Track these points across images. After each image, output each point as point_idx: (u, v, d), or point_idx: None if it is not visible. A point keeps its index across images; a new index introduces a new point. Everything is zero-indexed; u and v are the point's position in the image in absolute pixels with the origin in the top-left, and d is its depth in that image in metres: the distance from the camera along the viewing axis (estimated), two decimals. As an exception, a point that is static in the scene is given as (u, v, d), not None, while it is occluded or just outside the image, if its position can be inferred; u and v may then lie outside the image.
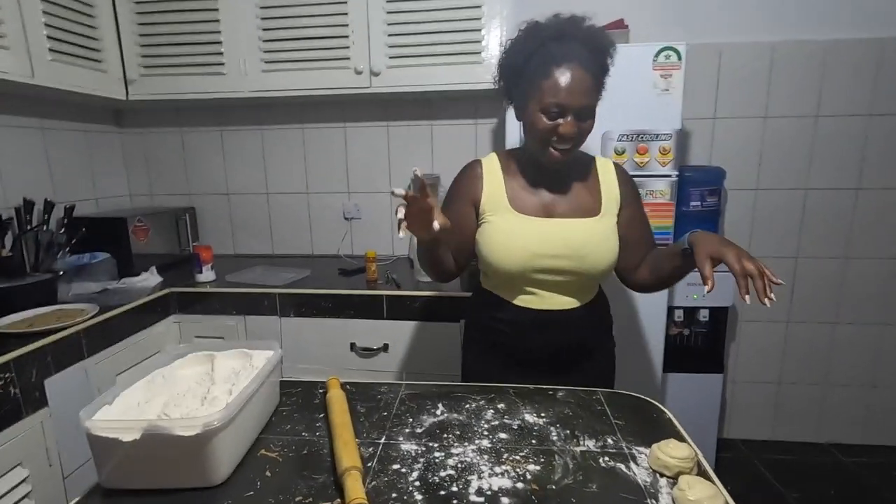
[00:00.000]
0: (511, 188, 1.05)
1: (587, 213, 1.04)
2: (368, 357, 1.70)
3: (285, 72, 1.84)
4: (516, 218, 1.02)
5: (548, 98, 0.93)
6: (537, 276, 1.02)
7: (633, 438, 0.77)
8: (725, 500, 0.62)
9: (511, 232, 1.02)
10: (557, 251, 1.00)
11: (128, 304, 1.53)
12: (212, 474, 0.66)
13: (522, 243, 1.00)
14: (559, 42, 0.93)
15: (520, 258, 1.00)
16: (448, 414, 0.85)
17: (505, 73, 1.04)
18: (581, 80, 0.92)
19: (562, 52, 0.92)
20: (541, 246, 1.00)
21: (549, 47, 0.93)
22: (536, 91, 0.94)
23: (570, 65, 0.92)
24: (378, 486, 0.66)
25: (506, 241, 1.01)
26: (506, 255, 1.01)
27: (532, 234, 1.01)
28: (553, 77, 0.92)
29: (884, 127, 1.93)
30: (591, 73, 0.93)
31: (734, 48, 1.93)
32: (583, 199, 1.05)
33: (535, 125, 0.96)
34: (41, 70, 1.53)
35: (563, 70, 0.92)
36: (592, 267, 1.01)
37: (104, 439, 0.63)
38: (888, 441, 2.16)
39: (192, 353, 0.87)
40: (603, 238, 1.02)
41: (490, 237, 1.03)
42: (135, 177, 2.29)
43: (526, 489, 0.65)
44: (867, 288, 2.06)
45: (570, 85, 0.91)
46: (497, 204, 1.04)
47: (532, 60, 0.95)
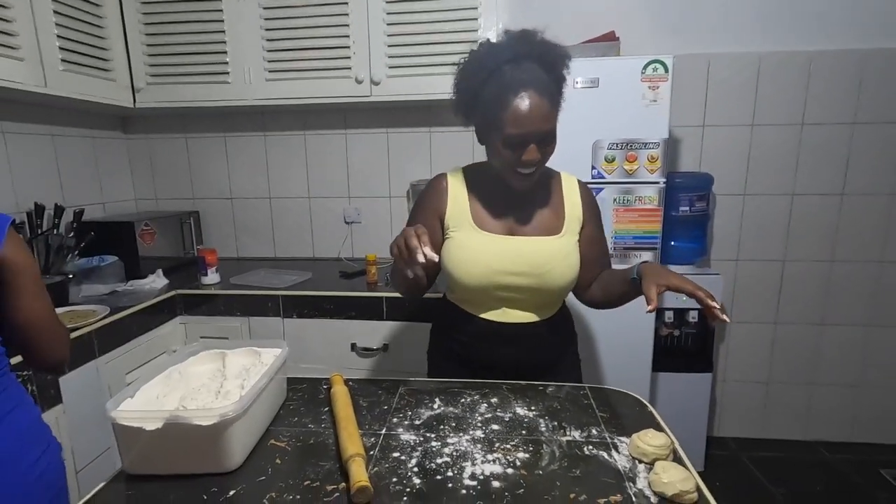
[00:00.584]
0: (475, 205, 1.06)
1: (550, 230, 1.05)
2: (369, 357, 1.76)
3: (288, 80, 1.90)
4: (479, 235, 1.03)
5: (509, 129, 0.92)
6: (499, 292, 1.03)
7: (615, 429, 0.83)
8: (696, 482, 0.67)
9: (473, 249, 1.03)
10: (519, 269, 1.01)
11: (136, 305, 1.59)
12: (227, 461, 0.72)
13: (484, 260, 1.01)
14: (514, 65, 0.93)
15: (481, 275, 1.01)
16: (444, 407, 0.91)
17: (461, 97, 1.02)
18: (539, 106, 0.91)
19: (518, 79, 0.91)
20: (502, 263, 1.01)
21: (504, 73, 0.92)
22: (496, 122, 0.94)
23: (527, 91, 0.91)
24: (380, 471, 0.72)
25: (468, 257, 1.02)
26: (468, 271, 1.02)
27: (494, 251, 1.02)
28: (512, 107, 0.91)
29: (866, 135, 2.00)
30: (549, 96, 0.93)
31: (722, 58, 2.00)
32: (546, 216, 1.06)
33: (498, 154, 0.97)
34: (53, 79, 1.59)
35: (522, 98, 0.91)
36: (553, 284, 1.03)
37: (129, 428, 0.69)
38: (873, 439, 2.22)
39: (204, 351, 0.93)
40: (564, 256, 1.03)
41: (453, 253, 1.04)
42: (141, 182, 2.35)
43: (515, 474, 0.71)
44: (852, 290, 2.13)
45: (529, 114, 0.91)
46: (460, 220, 1.05)
47: (488, 86, 0.94)
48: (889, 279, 2.10)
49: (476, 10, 1.78)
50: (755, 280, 2.17)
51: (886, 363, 2.17)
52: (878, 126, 1.99)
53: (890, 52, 1.93)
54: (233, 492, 0.68)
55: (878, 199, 2.05)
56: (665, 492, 0.66)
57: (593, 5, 1.99)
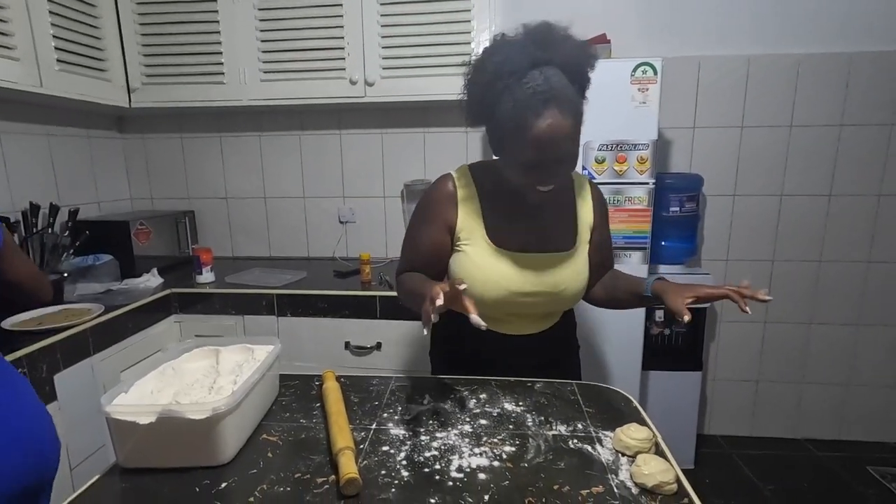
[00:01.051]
0: (487, 214, 0.99)
1: (563, 244, 1.01)
2: (362, 355, 1.77)
3: (283, 81, 1.92)
4: (495, 253, 0.98)
5: (528, 152, 0.84)
6: (511, 308, 1.01)
7: (600, 424, 0.85)
8: (676, 473, 0.69)
9: (489, 269, 0.97)
10: (536, 289, 0.98)
11: (131, 304, 1.60)
12: (219, 454, 0.74)
13: (501, 281, 0.97)
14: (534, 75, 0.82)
15: (496, 295, 0.98)
16: (434, 403, 0.93)
17: (472, 102, 0.93)
18: (561, 126, 0.82)
19: (539, 95, 0.81)
20: (520, 285, 0.97)
21: (523, 86, 0.82)
22: (514, 142, 0.85)
23: (549, 111, 0.81)
24: (369, 464, 0.74)
25: (483, 277, 0.97)
26: (482, 292, 0.97)
27: (510, 271, 0.97)
28: (532, 129, 0.82)
29: (853, 137, 2.03)
30: (573, 111, 0.83)
31: (712, 60, 2.03)
32: (559, 228, 1.02)
33: (515, 172, 0.89)
34: (49, 79, 1.60)
35: (543, 118, 0.81)
36: (566, 299, 1.02)
37: (123, 422, 0.70)
38: (861, 437, 2.25)
39: (197, 347, 0.95)
40: (577, 272, 1.01)
41: (466, 270, 0.98)
42: (136, 181, 2.36)
43: (501, 467, 0.73)
44: (840, 290, 2.16)
45: (552, 137, 0.82)
46: (473, 232, 0.99)
47: (504, 98, 0.84)
48: (875, 279, 2.13)
49: (469, 13, 1.80)
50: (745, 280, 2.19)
51: (874, 362, 2.20)
52: (864, 128, 2.02)
53: (876, 54, 1.96)
54: (224, 484, 0.70)
55: (864, 199, 2.08)
56: (646, 483, 0.68)
57: (585, 8, 2.02)
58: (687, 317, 0.84)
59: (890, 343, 2.18)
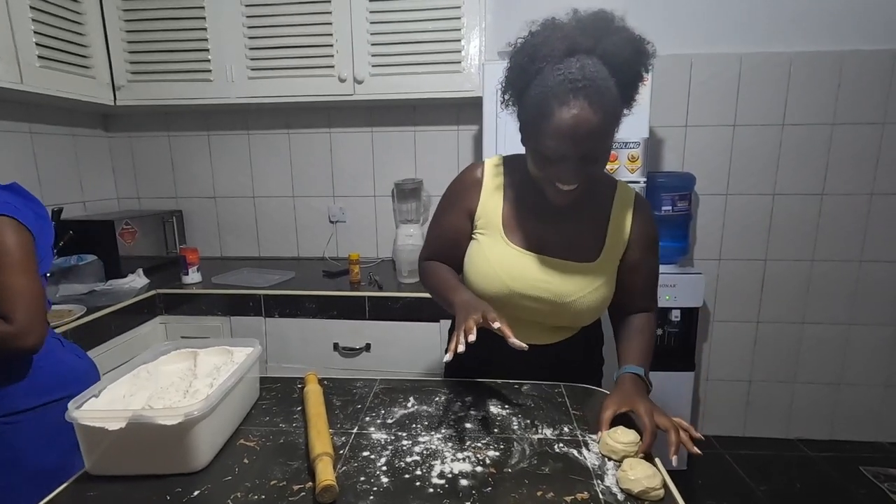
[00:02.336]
0: (508, 207, 0.95)
1: (584, 254, 0.92)
2: (351, 357, 1.75)
3: (271, 79, 1.89)
4: (503, 247, 0.93)
5: (547, 141, 0.78)
6: (515, 311, 0.95)
7: (587, 427, 0.83)
8: (663, 478, 0.67)
9: (494, 263, 0.93)
10: (539, 294, 0.92)
11: (114, 304, 1.57)
12: (193, 461, 0.71)
13: (505, 278, 0.92)
14: (570, 61, 0.76)
15: (497, 290, 0.93)
16: (418, 406, 0.91)
17: (507, 86, 0.88)
18: (587, 121, 0.75)
19: (569, 82, 0.75)
20: (523, 285, 0.92)
21: (554, 72, 0.77)
22: (535, 129, 0.80)
23: (577, 101, 0.74)
24: (348, 470, 0.72)
25: (488, 270, 0.93)
26: (485, 283, 0.94)
27: (516, 270, 0.92)
28: (554, 117, 0.76)
29: (845, 135, 2.03)
30: (605, 106, 0.76)
31: (704, 59, 2.02)
32: (583, 236, 0.93)
33: (536, 165, 0.85)
34: (30, 76, 1.57)
35: (568, 108, 0.75)
36: (574, 314, 0.93)
37: (91, 428, 0.68)
38: (853, 436, 2.25)
39: (175, 350, 0.92)
40: (594, 287, 0.91)
41: (474, 260, 0.96)
42: (122, 180, 2.33)
43: (484, 472, 0.71)
44: (831, 289, 2.15)
45: (573, 129, 0.75)
46: (490, 222, 0.95)
47: (534, 83, 0.80)
48: (867, 278, 2.13)
49: (459, 10, 1.78)
50: (737, 279, 2.19)
51: (865, 361, 2.19)
52: (856, 126, 2.02)
53: (867, 53, 1.95)
54: (197, 492, 0.67)
55: (856, 198, 2.07)
56: (632, 488, 0.66)
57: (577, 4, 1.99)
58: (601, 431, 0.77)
59: (881, 342, 2.17)
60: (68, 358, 1.13)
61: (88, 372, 1.16)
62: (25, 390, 1.04)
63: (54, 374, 1.08)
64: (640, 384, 0.88)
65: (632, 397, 0.82)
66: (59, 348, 1.13)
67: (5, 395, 1.02)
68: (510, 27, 1.99)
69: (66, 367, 1.11)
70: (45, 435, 1.03)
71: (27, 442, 1.02)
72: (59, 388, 1.07)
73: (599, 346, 1.13)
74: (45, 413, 1.04)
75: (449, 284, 0.93)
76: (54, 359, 1.09)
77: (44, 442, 1.03)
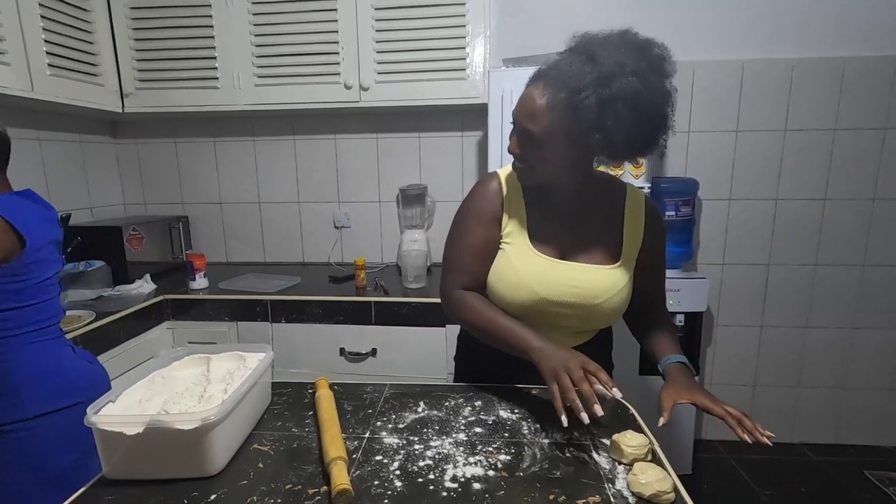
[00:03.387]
0: (532, 215, 0.97)
1: (606, 258, 0.96)
2: (357, 361, 1.76)
3: (277, 86, 1.91)
4: (533, 257, 0.94)
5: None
6: (542, 318, 0.96)
7: (597, 431, 0.84)
8: (673, 481, 0.68)
9: (524, 273, 0.94)
10: (570, 300, 0.93)
11: (123, 310, 1.58)
12: (208, 465, 0.72)
13: (535, 286, 0.93)
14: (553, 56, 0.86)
15: (527, 299, 0.94)
16: (428, 411, 0.92)
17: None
18: (529, 99, 0.84)
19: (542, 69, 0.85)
20: (554, 293, 0.93)
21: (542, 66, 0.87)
22: None
23: (536, 82, 0.84)
24: (362, 474, 0.73)
25: (516, 279, 0.94)
26: (513, 292, 0.94)
27: (545, 277, 0.93)
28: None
29: (847, 141, 2.04)
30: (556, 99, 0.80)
31: (707, 65, 2.03)
32: (604, 240, 0.96)
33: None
34: (40, 84, 1.59)
35: (528, 86, 0.86)
36: (601, 316, 0.97)
37: (110, 433, 0.69)
38: (857, 441, 2.25)
39: (188, 355, 0.93)
40: (619, 290, 0.95)
41: (502, 270, 0.96)
42: (129, 186, 2.34)
43: (496, 476, 0.72)
44: (835, 293, 2.16)
45: (520, 102, 0.86)
46: (515, 231, 0.96)
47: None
48: (870, 282, 2.13)
49: (464, 18, 1.80)
50: (741, 284, 2.20)
51: (869, 365, 2.20)
52: (857, 132, 2.03)
53: (868, 59, 1.97)
54: (213, 496, 0.68)
55: (858, 203, 2.08)
56: (643, 492, 0.67)
57: (580, 14, 2.02)
58: (663, 420, 0.81)
59: (885, 346, 2.18)
60: (80, 364, 1.15)
61: (100, 378, 1.18)
62: (38, 396, 1.05)
63: (66, 380, 1.09)
64: (689, 373, 0.91)
65: (690, 388, 0.86)
66: (70, 355, 1.15)
67: (18, 402, 1.03)
68: (515, 35, 2.02)
69: (77, 374, 1.13)
70: (59, 440, 1.04)
71: (41, 447, 1.03)
72: (72, 394, 1.08)
73: (610, 351, 1.14)
74: (58, 418, 1.06)
75: (511, 329, 0.89)
76: (67, 365, 1.11)
77: (57, 446, 1.04)
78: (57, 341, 1.13)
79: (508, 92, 1.67)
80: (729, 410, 0.82)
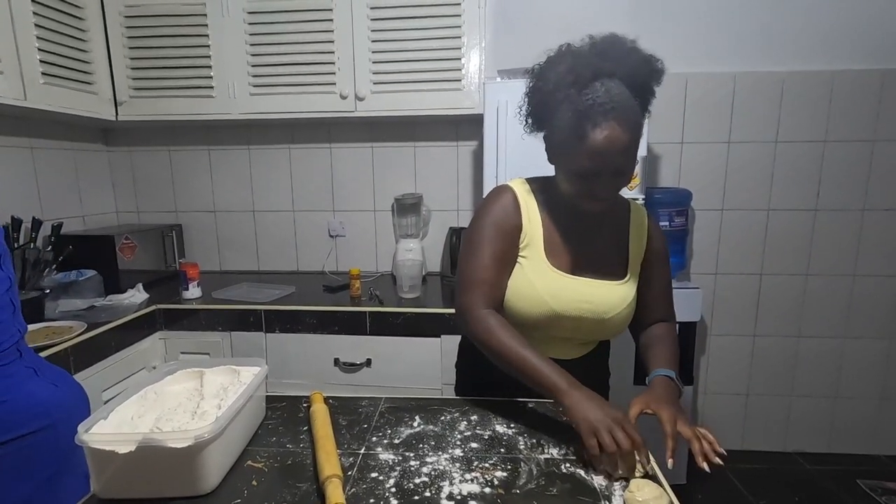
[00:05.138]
0: (548, 230, 0.97)
1: (614, 273, 0.98)
2: (352, 372, 1.75)
3: (273, 95, 1.91)
4: (549, 272, 0.95)
5: (583, 162, 0.84)
6: (552, 331, 0.98)
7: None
8: (670, 499, 0.68)
9: (540, 286, 0.94)
10: (581, 314, 0.95)
11: (115, 320, 1.57)
12: (202, 483, 0.71)
13: (550, 301, 0.94)
14: (596, 86, 0.82)
15: (541, 314, 0.95)
16: (424, 426, 0.91)
17: (532, 109, 0.94)
18: (619, 139, 0.81)
19: (598, 106, 0.81)
20: (565, 307, 0.94)
21: (583, 96, 0.82)
22: (571, 151, 0.85)
23: (608, 123, 0.81)
24: (357, 492, 0.72)
25: (532, 293, 0.94)
26: (527, 307, 0.95)
27: (560, 293, 0.94)
28: (588, 139, 0.81)
29: (837, 152, 2.07)
30: (632, 125, 0.82)
31: (699, 77, 2.06)
32: (611, 255, 0.99)
33: (567, 184, 0.90)
34: (33, 92, 1.58)
35: (601, 129, 0.81)
36: (608, 330, 0.99)
37: (101, 451, 0.68)
38: (850, 449, 2.26)
39: (181, 369, 0.92)
40: (626, 304, 0.97)
41: (518, 283, 0.96)
42: (122, 195, 2.33)
43: (493, 493, 0.72)
44: (826, 303, 2.18)
45: (608, 148, 0.82)
46: (531, 244, 0.96)
47: (564, 108, 0.85)
48: (861, 292, 2.16)
49: (460, 28, 1.81)
50: (734, 293, 2.21)
51: (861, 374, 2.22)
52: (847, 144, 2.06)
53: (857, 72, 2.00)
54: (207, 515, 0.67)
55: (849, 214, 2.11)
56: (639, 509, 0.67)
57: (575, 24, 2.03)
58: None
59: (876, 356, 2.20)
60: (41, 389, 1.02)
61: (65, 402, 1.06)
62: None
63: (22, 408, 0.98)
64: (672, 387, 0.90)
65: (659, 401, 0.84)
66: (30, 378, 1.02)
67: None
68: (510, 46, 2.04)
69: (35, 400, 1.00)
70: (16, 469, 0.96)
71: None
72: (28, 422, 0.97)
73: (607, 359, 1.16)
74: (15, 447, 0.96)
75: (538, 368, 0.86)
76: (24, 391, 0.99)
77: (15, 476, 0.96)
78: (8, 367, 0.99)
79: (503, 103, 1.68)
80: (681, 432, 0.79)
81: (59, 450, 1.00)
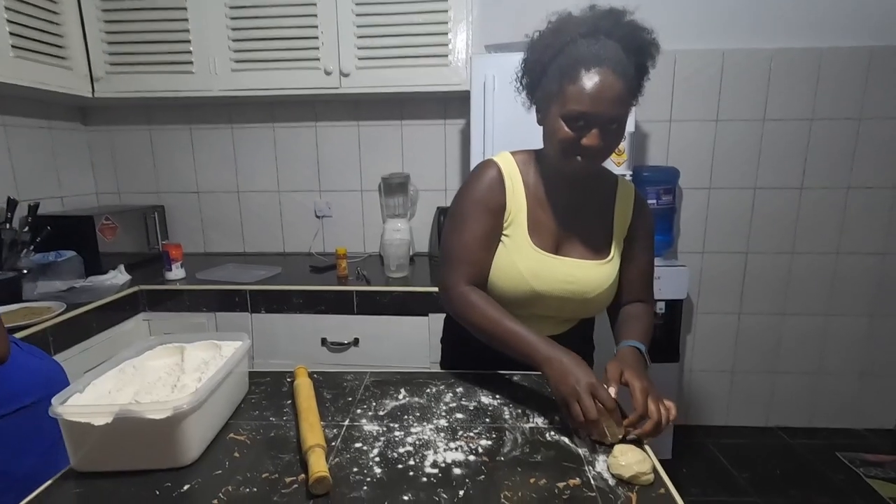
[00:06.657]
0: (533, 209, 0.95)
1: (598, 252, 0.97)
2: (339, 351, 1.74)
3: (255, 71, 1.86)
4: (531, 251, 0.94)
5: (571, 105, 0.82)
6: (535, 309, 0.98)
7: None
8: (653, 463, 0.69)
9: (522, 266, 0.93)
10: (563, 294, 0.94)
11: (95, 301, 1.54)
12: (181, 455, 0.70)
13: (531, 280, 0.93)
14: (592, 40, 0.83)
15: (522, 292, 0.94)
16: (409, 398, 0.91)
17: (528, 69, 0.93)
18: (611, 86, 0.80)
19: (593, 53, 0.81)
20: (547, 287, 0.93)
21: (578, 46, 0.83)
22: (560, 95, 0.84)
23: (601, 69, 0.80)
24: (340, 462, 0.71)
25: (514, 273, 0.94)
26: (508, 286, 0.94)
27: (541, 273, 0.93)
28: (580, 81, 0.81)
29: (823, 130, 2.08)
30: (625, 79, 0.82)
31: (688, 55, 2.04)
32: (595, 233, 0.98)
33: (556, 133, 0.86)
34: (3, 66, 1.53)
35: (592, 74, 0.80)
36: (590, 309, 0.99)
37: (76, 424, 0.66)
38: (830, 424, 2.31)
39: (161, 345, 0.90)
40: (610, 284, 0.96)
41: (500, 261, 0.95)
42: (102, 175, 2.27)
43: (477, 461, 0.71)
44: (810, 281, 2.21)
45: (597, 92, 0.80)
46: (515, 223, 0.95)
47: (558, 59, 0.85)
48: (844, 270, 2.19)
49: (446, 3, 1.77)
50: (720, 272, 2.23)
51: (842, 351, 2.26)
52: (833, 122, 2.07)
53: (844, 50, 2.00)
54: (187, 486, 0.66)
55: (834, 192, 2.13)
56: (622, 474, 0.67)
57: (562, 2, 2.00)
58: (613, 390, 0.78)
59: (857, 333, 2.24)
60: (30, 361, 1.06)
61: (55, 373, 1.10)
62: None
63: (19, 380, 1.00)
64: (639, 357, 0.88)
65: (631, 368, 0.82)
66: (17, 352, 1.05)
67: None
68: (497, 21, 2.00)
69: (28, 371, 1.03)
70: (18, 442, 0.97)
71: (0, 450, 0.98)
72: (26, 393, 1.00)
73: (591, 333, 1.16)
74: (15, 420, 0.98)
75: (517, 335, 0.86)
76: (16, 364, 1.01)
77: (17, 449, 0.97)
78: None
79: (491, 78, 1.65)
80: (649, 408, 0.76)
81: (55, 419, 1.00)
